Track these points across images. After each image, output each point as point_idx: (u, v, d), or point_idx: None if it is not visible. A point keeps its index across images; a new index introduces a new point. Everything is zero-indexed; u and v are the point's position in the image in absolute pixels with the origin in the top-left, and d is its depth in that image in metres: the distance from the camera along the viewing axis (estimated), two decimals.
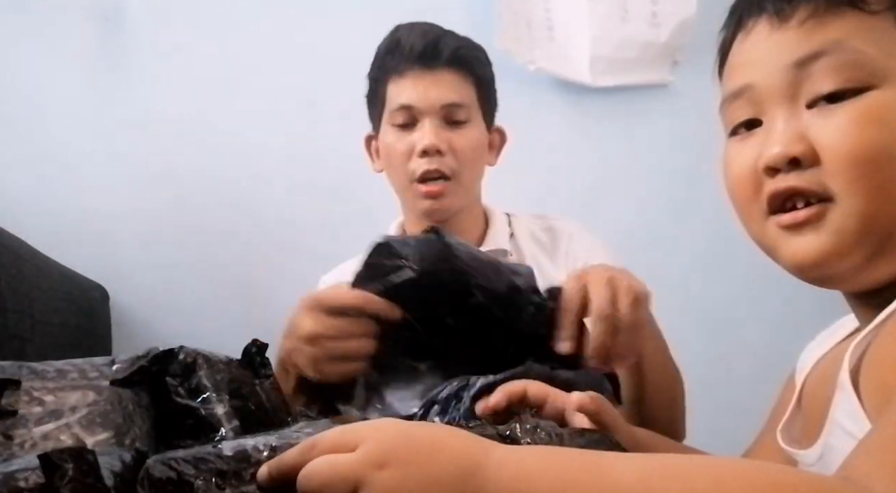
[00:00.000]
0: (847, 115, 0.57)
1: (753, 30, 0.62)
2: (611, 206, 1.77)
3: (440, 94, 1.16)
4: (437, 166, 1.15)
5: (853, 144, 0.56)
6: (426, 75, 1.17)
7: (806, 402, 0.67)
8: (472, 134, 1.19)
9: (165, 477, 0.41)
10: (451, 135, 1.17)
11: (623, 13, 1.71)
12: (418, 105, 1.16)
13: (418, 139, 1.16)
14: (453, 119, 1.17)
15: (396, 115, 1.18)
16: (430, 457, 0.42)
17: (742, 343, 1.74)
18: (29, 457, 0.40)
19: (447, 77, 1.17)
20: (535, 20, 1.75)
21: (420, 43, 1.16)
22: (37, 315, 1.24)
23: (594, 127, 1.80)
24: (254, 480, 0.43)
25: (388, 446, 0.42)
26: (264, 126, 1.75)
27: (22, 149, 1.73)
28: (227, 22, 1.78)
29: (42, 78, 1.74)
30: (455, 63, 1.17)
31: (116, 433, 0.56)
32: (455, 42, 1.19)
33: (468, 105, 1.19)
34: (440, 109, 1.16)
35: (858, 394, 0.53)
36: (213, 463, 0.43)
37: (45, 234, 1.48)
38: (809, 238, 0.59)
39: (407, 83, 1.17)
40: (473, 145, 1.19)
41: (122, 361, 0.61)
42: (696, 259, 1.76)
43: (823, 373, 0.64)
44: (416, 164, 1.16)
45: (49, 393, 0.56)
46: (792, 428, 0.68)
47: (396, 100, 1.18)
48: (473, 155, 1.19)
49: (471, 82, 1.20)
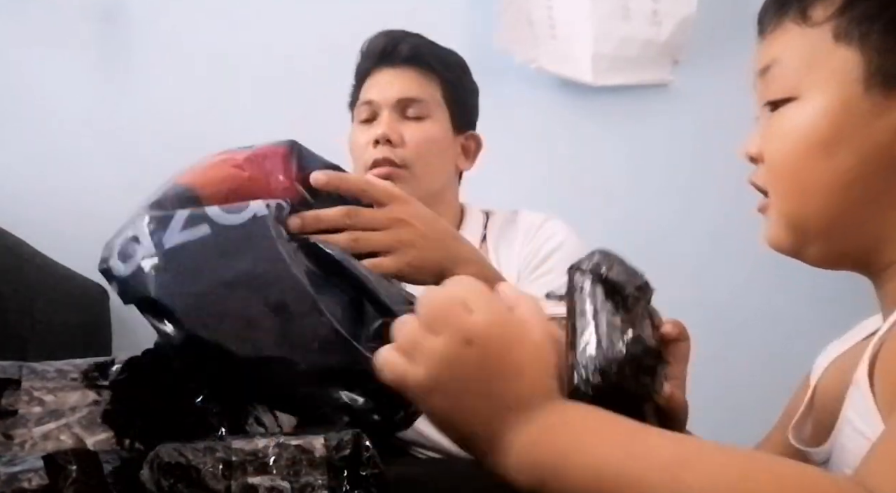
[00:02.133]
0: (771, 122, 0.63)
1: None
2: (610, 205, 1.76)
3: (397, 88, 1.22)
4: (387, 155, 1.18)
5: (773, 150, 0.63)
6: (386, 72, 1.23)
7: (818, 400, 0.68)
8: (429, 129, 1.22)
9: (174, 462, 0.43)
10: (406, 127, 1.21)
11: (624, 11, 1.71)
12: (377, 99, 1.22)
13: (373, 130, 1.21)
14: (409, 114, 1.22)
15: (361, 110, 1.25)
16: (499, 372, 0.44)
17: (742, 343, 1.74)
18: (32, 458, 0.40)
19: (406, 73, 1.23)
20: (536, 18, 1.75)
21: (381, 43, 1.24)
22: (37, 315, 1.24)
23: (594, 126, 1.80)
24: (258, 475, 0.44)
25: (473, 333, 0.44)
26: (264, 126, 1.75)
27: (22, 149, 1.72)
28: (227, 22, 1.78)
29: (42, 78, 1.74)
30: (414, 60, 1.23)
31: (116, 433, 0.56)
32: (417, 41, 1.25)
33: (427, 101, 1.23)
34: (396, 103, 1.21)
35: (874, 391, 0.53)
36: (221, 453, 0.44)
37: (45, 234, 1.48)
38: (765, 226, 0.66)
39: (370, 81, 1.25)
40: (429, 139, 1.22)
41: (122, 361, 0.61)
42: (695, 259, 1.76)
43: (837, 372, 0.65)
44: (369, 153, 1.20)
45: (49, 393, 0.56)
46: (804, 427, 0.68)
47: (362, 97, 1.25)
48: (429, 148, 1.22)
49: (434, 81, 1.24)
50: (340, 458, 0.45)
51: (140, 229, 0.58)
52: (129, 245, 0.58)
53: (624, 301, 0.56)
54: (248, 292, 0.56)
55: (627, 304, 0.56)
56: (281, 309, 0.55)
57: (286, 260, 0.58)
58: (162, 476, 0.42)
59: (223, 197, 0.63)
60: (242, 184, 0.66)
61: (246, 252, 0.57)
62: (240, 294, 0.55)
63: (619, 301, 0.56)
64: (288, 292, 0.56)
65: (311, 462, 0.44)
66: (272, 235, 0.59)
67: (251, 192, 0.65)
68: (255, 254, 0.58)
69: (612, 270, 0.57)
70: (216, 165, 0.67)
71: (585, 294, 0.56)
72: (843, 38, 0.59)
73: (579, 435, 0.43)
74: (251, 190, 0.66)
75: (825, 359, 0.70)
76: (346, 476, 0.45)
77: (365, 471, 0.45)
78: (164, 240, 0.57)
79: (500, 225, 1.28)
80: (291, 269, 0.57)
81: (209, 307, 0.55)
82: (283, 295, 0.56)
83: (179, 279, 0.56)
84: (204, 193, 0.64)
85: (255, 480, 0.43)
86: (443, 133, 1.25)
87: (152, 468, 0.42)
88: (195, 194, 0.63)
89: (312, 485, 0.44)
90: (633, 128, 1.80)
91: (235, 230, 0.58)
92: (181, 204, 0.61)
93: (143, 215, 0.59)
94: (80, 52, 1.75)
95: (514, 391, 0.45)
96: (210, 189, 0.64)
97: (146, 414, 0.59)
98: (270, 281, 0.56)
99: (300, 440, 0.46)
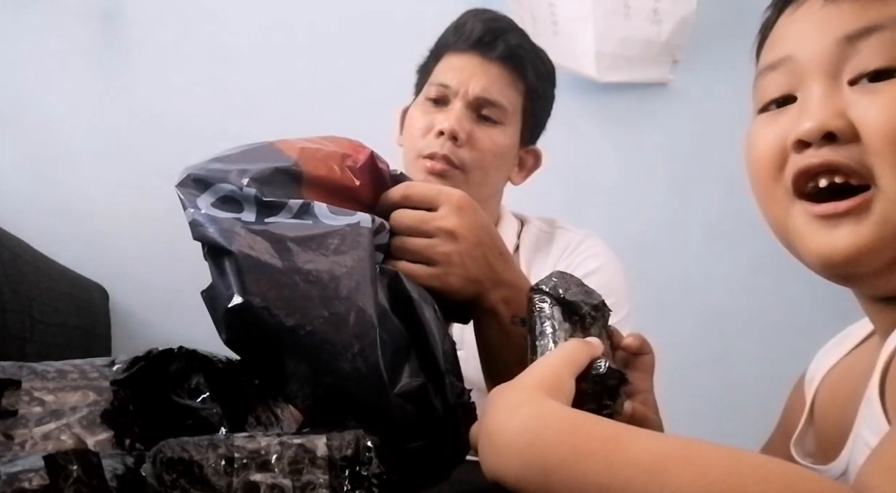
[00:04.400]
0: (876, 91, 0.53)
1: (805, 2, 0.58)
2: (610, 205, 1.77)
3: (481, 85, 1.11)
4: (447, 153, 1.09)
5: (883, 119, 0.52)
6: (474, 60, 1.12)
7: (820, 414, 0.66)
8: (499, 137, 1.13)
9: (177, 457, 0.43)
10: (477, 129, 1.12)
11: (626, 10, 1.72)
12: (455, 87, 1.12)
13: (441, 120, 1.11)
14: (485, 114, 1.12)
15: (432, 89, 1.14)
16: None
17: (742, 344, 1.74)
18: (33, 458, 0.40)
19: (495, 71, 1.12)
20: (539, 15, 1.75)
21: (481, 28, 1.13)
22: (37, 315, 1.24)
23: (593, 125, 1.80)
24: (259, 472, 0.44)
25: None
26: (265, 126, 1.75)
27: (22, 149, 1.73)
28: (227, 22, 1.78)
29: (42, 78, 1.74)
30: (508, 60, 1.13)
31: (116, 433, 0.56)
32: (518, 40, 1.14)
33: (506, 108, 1.13)
34: (474, 99, 1.12)
35: (885, 408, 0.51)
36: (223, 450, 0.44)
37: (45, 234, 1.48)
38: (846, 230, 0.54)
39: (454, 62, 1.14)
40: (496, 148, 1.12)
41: (122, 361, 0.61)
42: (695, 259, 1.76)
43: (838, 384, 0.63)
44: (428, 141, 1.11)
45: (49, 393, 0.56)
46: (805, 441, 0.66)
47: (439, 75, 1.15)
48: (492, 159, 1.12)
49: (520, 87, 1.15)
50: (342, 457, 0.45)
51: (245, 197, 0.59)
52: (227, 198, 0.59)
53: (581, 321, 0.58)
54: (317, 291, 0.55)
55: (585, 324, 0.58)
56: (338, 321, 0.55)
57: (367, 279, 0.57)
58: (164, 471, 0.42)
59: (326, 193, 0.64)
60: (350, 188, 0.66)
61: (334, 254, 0.57)
62: (309, 289, 0.55)
63: (576, 321, 0.58)
64: (353, 310, 0.56)
65: (313, 461, 0.45)
66: (366, 249, 0.59)
67: (352, 196, 0.66)
68: (340, 260, 0.57)
69: (568, 291, 0.59)
70: (333, 158, 0.66)
71: (545, 315, 0.58)
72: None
73: (562, 444, 0.44)
74: (353, 196, 0.66)
75: (818, 369, 0.68)
76: (348, 476, 0.45)
77: (366, 471, 0.45)
78: (265, 218, 0.59)
79: (536, 237, 1.22)
80: (367, 290, 0.57)
81: (277, 283, 0.55)
82: (347, 311, 0.55)
83: (263, 248, 0.56)
84: (309, 178, 0.64)
85: (257, 477, 0.43)
86: (511, 144, 1.16)
87: (155, 463, 0.42)
88: (300, 175, 0.64)
89: (314, 484, 0.44)
90: (632, 127, 1.80)
91: (334, 231, 0.59)
92: (284, 182, 0.62)
93: (250, 187, 0.60)
94: (79, 53, 1.75)
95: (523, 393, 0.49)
96: (316, 177, 0.64)
97: (146, 414, 0.59)
98: (341, 294, 0.56)
99: (302, 439, 0.46)
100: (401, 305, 0.61)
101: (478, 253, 0.69)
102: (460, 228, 0.68)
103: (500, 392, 0.51)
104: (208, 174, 0.61)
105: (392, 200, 0.69)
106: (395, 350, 0.57)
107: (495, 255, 0.70)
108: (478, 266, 0.68)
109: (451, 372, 0.60)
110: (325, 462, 0.45)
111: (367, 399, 0.54)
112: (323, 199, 0.62)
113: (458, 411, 0.59)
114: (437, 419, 0.58)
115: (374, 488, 0.45)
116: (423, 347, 0.59)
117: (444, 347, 0.60)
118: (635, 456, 0.41)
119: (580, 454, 0.42)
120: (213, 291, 0.57)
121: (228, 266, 0.55)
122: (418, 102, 1.18)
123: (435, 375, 0.58)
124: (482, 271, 0.69)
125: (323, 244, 0.58)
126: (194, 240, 0.57)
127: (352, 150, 0.68)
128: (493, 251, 0.70)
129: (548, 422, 0.45)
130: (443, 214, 0.68)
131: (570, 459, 0.42)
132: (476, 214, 0.70)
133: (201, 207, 0.58)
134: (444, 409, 0.58)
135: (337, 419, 0.54)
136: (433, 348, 0.59)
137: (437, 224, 0.68)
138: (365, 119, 1.28)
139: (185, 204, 0.59)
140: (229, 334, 0.56)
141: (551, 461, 0.43)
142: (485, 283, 0.69)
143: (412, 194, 0.69)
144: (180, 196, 0.60)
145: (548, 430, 0.45)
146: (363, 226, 0.60)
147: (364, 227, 0.60)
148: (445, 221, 0.68)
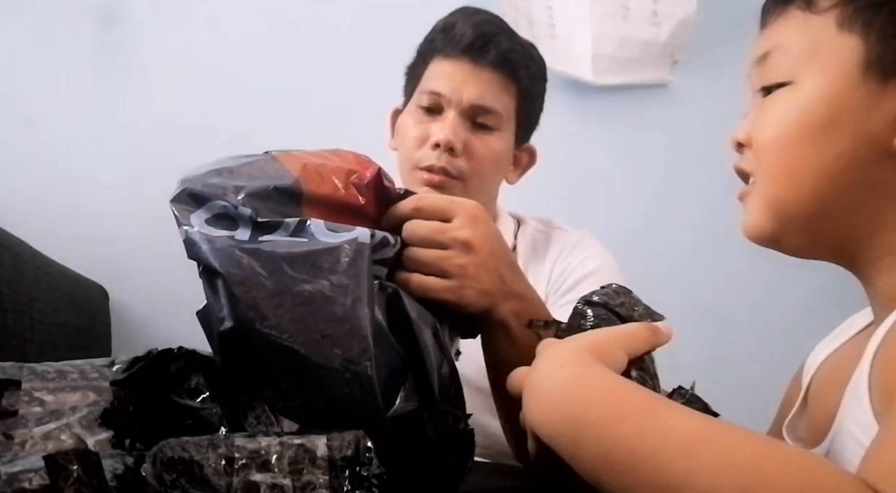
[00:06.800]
0: (763, 107, 0.63)
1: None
2: (609, 205, 1.77)
3: (474, 93, 1.08)
4: (444, 164, 1.07)
5: (764, 133, 0.62)
6: (466, 68, 1.09)
7: (812, 400, 0.67)
8: (495, 144, 1.11)
9: (177, 457, 0.43)
10: (473, 137, 1.09)
11: (624, 12, 1.72)
12: (448, 95, 1.09)
13: (436, 130, 1.08)
14: (480, 122, 1.10)
15: (424, 97, 1.11)
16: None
17: (740, 343, 1.74)
18: (33, 458, 0.40)
19: (487, 77, 1.09)
20: (536, 18, 1.75)
21: (471, 33, 1.09)
22: (37, 315, 1.24)
23: (593, 126, 1.81)
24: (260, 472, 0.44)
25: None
26: (265, 126, 1.75)
27: (22, 149, 1.73)
28: (227, 22, 1.78)
29: (42, 78, 1.74)
30: (501, 65, 1.09)
31: (116, 433, 0.56)
32: (509, 44, 1.11)
33: (501, 113, 1.10)
34: (469, 107, 1.09)
35: (870, 395, 0.53)
36: (223, 450, 0.44)
37: (45, 234, 1.48)
38: (744, 214, 0.65)
39: (445, 69, 1.10)
40: (493, 154, 1.11)
41: (122, 361, 0.62)
42: (694, 259, 1.76)
43: (831, 371, 0.65)
44: (424, 153, 1.08)
45: (49, 393, 0.56)
46: (797, 426, 0.68)
47: (430, 82, 1.11)
48: (490, 166, 1.11)
49: (513, 91, 1.12)
50: (342, 457, 0.45)
51: (240, 215, 0.58)
52: (222, 215, 0.58)
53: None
54: (310, 312, 0.54)
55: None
56: (331, 344, 0.53)
57: (363, 299, 0.55)
58: (164, 471, 0.42)
59: (328, 211, 0.62)
60: (355, 206, 0.64)
61: (329, 273, 0.56)
62: (302, 311, 0.54)
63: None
64: (347, 332, 0.54)
65: (313, 461, 0.45)
66: (363, 266, 0.57)
67: (356, 214, 0.64)
68: (335, 278, 0.55)
69: (622, 306, 0.60)
70: (337, 175, 0.64)
71: (588, 324, 0.58)
72: (846, 26, 0.59)
73: (600, 403, 0.46)
74: (358, 213, 0.64)
75: (816, 358, 0.70)
76: (348, 476, 0.45)
77: (366, 471, 0.45)
78: (259, 236, 0.57)
79: (532, 238, 1.20)
80: (362, 311, 0.55)
81: (269, 305, 0.53)
82: (341, 333, 0.54)
83: (255, 269, 0.54)
84: (310, 197, 0.62)
85: (257, 477, 0.43)
86: (507, 148, 1.13)
87: (155, 463, 0.42)
88: (300, 194, 0.62)
89: (314, 484, 0.44)
90: (632, 128, 1.80)
91: (330, 249, 0.57)
92: (282, 200, 0.60)
93: (245, 205, 0.58)
94: (80, 53, 1.75)
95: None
96: (318, 195, 0.62)
97: (146, 414, 0.59)
98: (336, 314, 0.54)
99: (303, 439, 0.46)
100: (399, 323, 0.59)
101: (491, 265, 0.67)
102: (476, 238, 0.66)
103: (550, 347, 0.54)
104: (204, 190, 0.59)
105: (402, 213, 0.67)
106: (391, 371, 0.56)
107: (507, 266, 0.69)
108: (491, 278, 0.67)
109: (447, 400, 0.58)
110: (325, 462, 0.45)
111: (361, 423, 0.51)
112: (325, 217, 0.60)
113: (452, 439, 0.57)
114: (427, 445, 0.56)
115: (374, 488, 0.45)
116: (419, 370, 0.58)
117: (440, 372, 0.58)
118: (667, 429, 0.43)
119: (614, 416, 0.45)
120: (208, 311, 0.55)
121: (221, 288, 0.54)
122: (410, 109, 1.15)
123: (429, 401, 0.57)
124: (495, 283, 0.67)
125: (317, 263, 0.56)
126: (189, 259, 0.56)
127: (358, 165, 0.66)
128: (504, 263, 0.69)
129: (590, 381, 0.48)
130: (458, 224, 0.66)
131: (603, 419, 0.45)
132: (489, 225, 0.69)
133: (195, 224, 0.57)
134: (436, 436, 0.56)
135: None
136: (429, 373, 0.57)
137: (452, 235, 0.66)
138: (366, 119, 1.28)
139: (179, 221, 0.58)
140: (223, 357, 0.55)
141: (587, 418, 0.46)
142: (496, 295, 0.67)
143: (424, 206, 0.67)
144: (174, 212, 0.58)
145: (588, 388, 0.48)
146: (361, 242, 0.58)
147: (362, 243, 0.58)
148: (461, 231, 0.66)
